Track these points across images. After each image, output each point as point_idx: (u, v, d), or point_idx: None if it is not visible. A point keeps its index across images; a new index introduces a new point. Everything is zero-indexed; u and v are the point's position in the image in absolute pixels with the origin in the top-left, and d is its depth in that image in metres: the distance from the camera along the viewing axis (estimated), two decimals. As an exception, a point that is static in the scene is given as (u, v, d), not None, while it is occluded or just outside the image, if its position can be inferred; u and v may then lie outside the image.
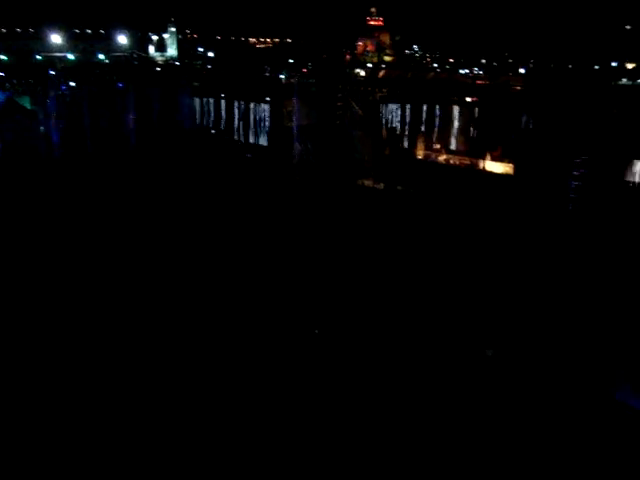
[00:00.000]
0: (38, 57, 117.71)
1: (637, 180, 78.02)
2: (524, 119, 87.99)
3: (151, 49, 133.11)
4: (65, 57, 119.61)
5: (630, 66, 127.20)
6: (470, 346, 48.59)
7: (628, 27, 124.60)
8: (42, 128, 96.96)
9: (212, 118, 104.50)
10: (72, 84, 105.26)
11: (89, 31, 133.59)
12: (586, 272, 58.93)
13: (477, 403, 41.30)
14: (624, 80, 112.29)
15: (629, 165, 78.06)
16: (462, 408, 40.73)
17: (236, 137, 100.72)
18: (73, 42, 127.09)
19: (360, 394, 42.42)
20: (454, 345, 48.97)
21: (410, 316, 53.84)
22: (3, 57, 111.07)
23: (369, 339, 49.82)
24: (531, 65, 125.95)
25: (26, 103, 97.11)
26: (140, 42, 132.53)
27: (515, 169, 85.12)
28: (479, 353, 47.82)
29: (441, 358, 47.37)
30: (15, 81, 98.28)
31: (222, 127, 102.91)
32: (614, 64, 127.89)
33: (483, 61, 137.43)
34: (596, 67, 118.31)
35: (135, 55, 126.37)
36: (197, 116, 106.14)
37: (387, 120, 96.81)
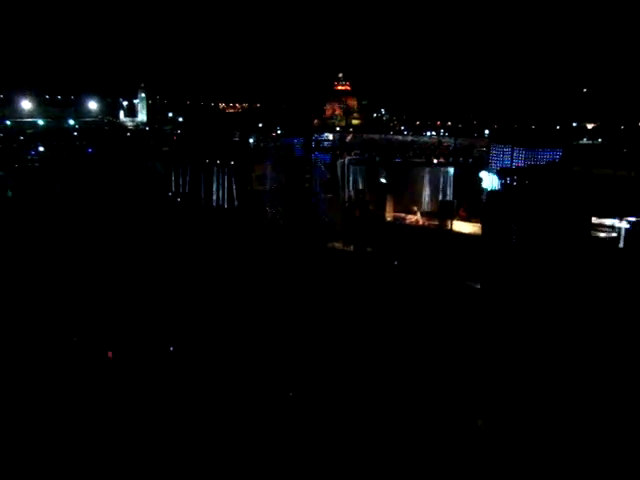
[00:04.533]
0: (7, 122, 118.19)
1: (600, 236, 79.48)
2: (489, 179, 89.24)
3: (121, 114, 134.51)
4: (35, 122, 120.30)
5: (590, 126, 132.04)
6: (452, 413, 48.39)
7: (585, 90, 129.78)
8: (10, 193, 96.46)
9: (181, 183, 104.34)
10: (41, 149, 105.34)
11: (59, 97, 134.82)
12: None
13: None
14: (584, 139, 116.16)
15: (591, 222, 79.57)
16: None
17: (205, 202, 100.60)
18: (43, 108, 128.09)
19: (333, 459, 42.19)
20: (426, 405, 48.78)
21: (381, 376, 53.66)
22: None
23: (344, 401, 49.38)
24: (495, 126, 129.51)
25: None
26: (110, 107, 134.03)
27: (483, 229, 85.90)
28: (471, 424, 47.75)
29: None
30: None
31: (191, 192, 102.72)
32: (574, 124, 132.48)
33: (449, 123, 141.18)
34: (557, 127, 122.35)
35: (105, 120, 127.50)
36: (167, 181, 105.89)
37: (356, 183, 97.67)
